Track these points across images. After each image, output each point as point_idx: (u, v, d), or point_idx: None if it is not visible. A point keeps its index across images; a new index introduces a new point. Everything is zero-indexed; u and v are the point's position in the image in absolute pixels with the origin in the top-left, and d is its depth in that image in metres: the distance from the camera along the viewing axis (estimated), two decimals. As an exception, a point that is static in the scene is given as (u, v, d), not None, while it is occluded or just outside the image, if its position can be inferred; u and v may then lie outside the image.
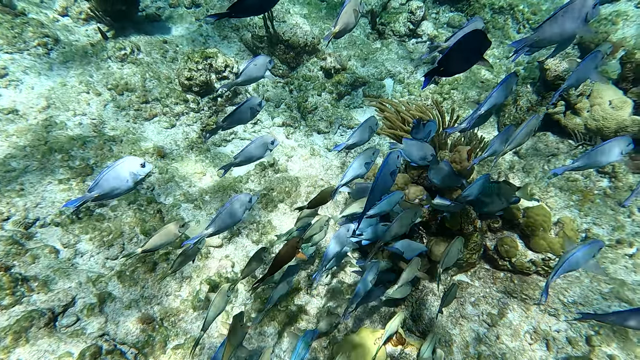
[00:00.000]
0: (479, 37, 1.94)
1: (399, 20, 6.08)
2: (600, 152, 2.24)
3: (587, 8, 1.91)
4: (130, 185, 1.99)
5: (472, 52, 1.96)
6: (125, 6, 4.53)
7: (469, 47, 1.94)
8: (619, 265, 3.01)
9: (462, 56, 1.95)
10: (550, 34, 1.96)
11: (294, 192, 4.16)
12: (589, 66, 2.40)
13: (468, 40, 1.93)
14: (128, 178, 1.97)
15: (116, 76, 4.49)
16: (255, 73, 2.56)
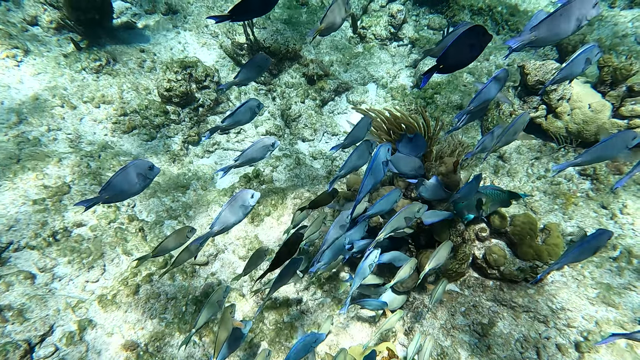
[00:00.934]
0: (478, 32, 1.92)
1: (380, 24, 6.06)
2: (605, 147, 2.22)
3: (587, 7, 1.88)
4: (138, 188, 2.05)
5: (472, 47, 1.94)
6: (98, 14, 4.37)
7: (468, 42, 1.92)
8: (604, 269, 3.05)
9: (462, 52, 1.93)
10: (547, 34, 1.92)
11: (280, 205, 4.09)
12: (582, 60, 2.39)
13: (468, 36, 1.91)
14: (137, 180, 2.02)
15: (92, 88, 4.32)
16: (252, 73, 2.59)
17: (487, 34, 1.94)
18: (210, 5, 5.46)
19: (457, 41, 1.90)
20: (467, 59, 1.98)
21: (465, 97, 4.99)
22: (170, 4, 5.29)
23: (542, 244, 3.08)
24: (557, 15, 1.90)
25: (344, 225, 2.56)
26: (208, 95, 4.94)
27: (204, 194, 4.32)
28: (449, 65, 1.96)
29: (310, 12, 6.19)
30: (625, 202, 3.42)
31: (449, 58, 1.92)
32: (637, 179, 3.50)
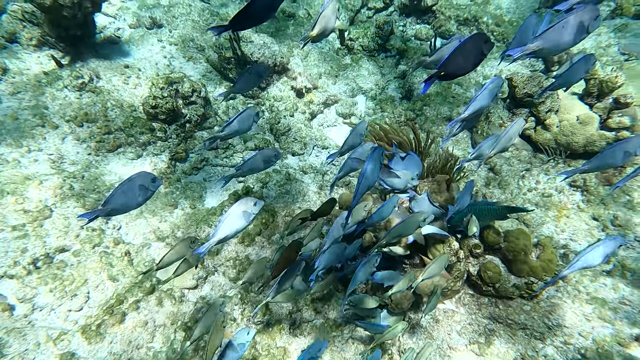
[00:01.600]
0: (480, 39, 1.91)
1: (367, 35, 6.06)
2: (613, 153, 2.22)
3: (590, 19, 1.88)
4: (140, 201, 2.03)
5: (474, 54, 1.94)
6: (80, 31, 4.25)
7: (470, 50, 1.91)
8: (599, 283, 3.04)
9: (463, 59, 1.92)
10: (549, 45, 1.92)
11: (272, 224, 4.01)
12: (580, 68, 2.41)
13: (469, 43, 1.90)
14: (139, 193, 2.00)
15: (74, 106, 4.20)
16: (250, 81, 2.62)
17: (489, 42, 1.94)
18: (196, 19, 5.39)
19: (459, 48, 1.90)
20: (468, 66, 1.98)
21: (454, 109, 4.99)
22: (154, 18, 5.21)
23: (537, 259, 3.05)
24: (559, 27, 1.90)
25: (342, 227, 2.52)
26: (195, 111, 4.85)
27: (193, 213, 4.21)
28: (450, 73, 1.95)
29: (298, 24, 6.16)
30: (616, 214, 3.43)
31: (450, 65, 1.91)
32: (626, 190, 3.52)
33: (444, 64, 1.91)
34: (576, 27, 1.89)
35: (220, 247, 3.89)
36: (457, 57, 1.91)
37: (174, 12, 5.28)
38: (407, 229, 2.50)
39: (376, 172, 2.07)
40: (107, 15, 5.05)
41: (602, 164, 2.30)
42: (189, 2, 5.44)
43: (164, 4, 5.30)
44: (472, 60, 1.95)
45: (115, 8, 5.11)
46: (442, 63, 1.91)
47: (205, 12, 5.49)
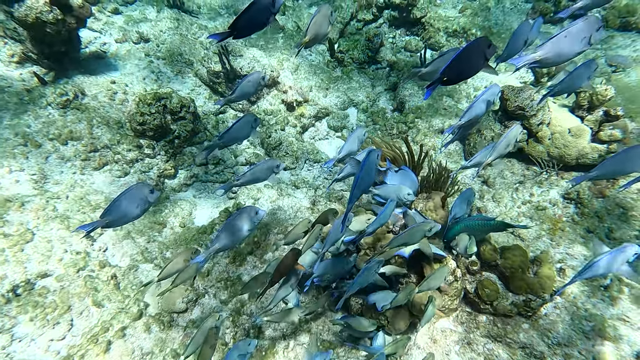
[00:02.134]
0: (483, 43, 1.90)
1: (358, 48, 6.06)
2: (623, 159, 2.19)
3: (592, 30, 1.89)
4: (138, 213, 2.02)
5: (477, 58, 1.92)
6: (64, 47, 4.15)
7: (473, 53, 1.90)
8: (597, 298, 3.00)
9: (466, 63, 1.91)
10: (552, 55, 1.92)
11: (264, 242, 3.91)
12: (582, 74, 2.40)
13: (472, 47, 1.89)
14: (138, 203, 2.00)
15: (58, 124, 4.07)
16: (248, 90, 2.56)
17: (493, 46, 1.92)
18: (184, 33, 5.33)
19: (462, 53, 1.88)
20: (470, 70, 1.97)
21: (446, 121, 4.98)
22: (141, 32, 5.12)
23: (534, 276, 3.01)
24: (561, 37, 1.90)
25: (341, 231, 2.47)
26: (184, 126, 4.76)
27: (183, 232, 4.10)
28: (453, 77, 1.93)
29: (287, 37, 6.14)
30: (611, 227, 3.41)
31: (452, 70, 1.89)
32: (620, 203, 3.51)
33: (446, 68, 1.89)
34: (579, 38, 1.89)
35: (210, 266, 3.77)
36: (460, 62, 1.89)
37: (161, 27, 5.21)
38: (413, 237, 2.44)
39: (371, 174, 2.05)
40: (93, 30, 4.95)
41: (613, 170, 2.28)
42: (176, 16, 5.38)
43: (151, 18, 5.23)
44: (475, 64, 1.93)
45: (101, 23, 5.02)
46: (444, 67, 1.90)
47: (193, 25, 5.43)
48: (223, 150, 5.04)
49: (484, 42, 1.90)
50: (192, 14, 5.58)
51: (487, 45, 1.90)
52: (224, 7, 5.85)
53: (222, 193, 4.36)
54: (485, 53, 1.92)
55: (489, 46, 1.90)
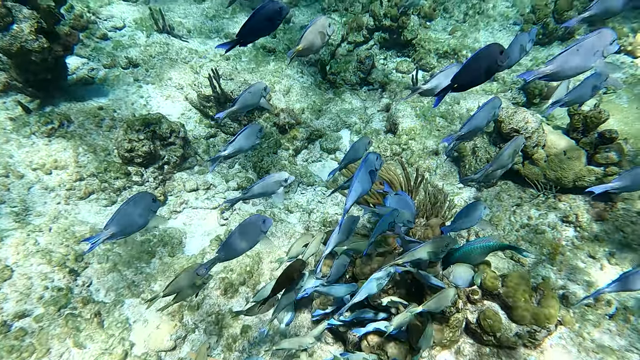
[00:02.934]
0: (495, 50, 1.85)
1: (349, 70, 6.06)
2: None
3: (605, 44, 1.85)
4: (141, 223, 2.01)
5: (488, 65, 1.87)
6: (50, 74, 4.06)
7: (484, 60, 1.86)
8: (603, 328, 2.90)
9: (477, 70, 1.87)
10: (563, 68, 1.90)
11: (256, 272, 3.77)
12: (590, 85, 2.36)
13: (484, 54, 1.86)
14: (140, 214, 1.98)
15: (42, 154, 3.94)
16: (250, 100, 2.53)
17: (505, 53, 1.87)
18: (174, 58, 5.28)
19: (473, 59, 1.85)
20: (482, 77, 1.93)
21: (439, 142, 4.95)
22: (130, 57, 5.06)
23: (538, 305, 2.90)
24: (573, 50, 1.88)
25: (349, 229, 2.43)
26: (174, 152, 4.65)
27: (172, 262, 3.94)
28: (463, 84, 1.90)
29: (278, 59, 6.13)
30: (612, 251, 3.34)
31: (463, 76, 1.86)
32: (620, 226, 3.45)
33: (457, 74, 1.87)
34: (591, 51, 1.86)
35: (200, 300, 3.61)
36: (471, 68, 1.86)
37: (150, 51, 5.16)
38: (428, 253, 2.35)
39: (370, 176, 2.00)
40: (81, 56, 4.88)
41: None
42: (166, 41, 5.34)
43: (141, 44, 5.18)
44: (486, 71, 1.89)
45: (89, 49, 4.95)
46: (456, 74, 1.87)
47: (183, 50, 5.39)
48: (214, 175, 4.94)
49: (495, 49, 1.86)
50: (182, 39, 5.55)
51: (499, 52, 1.86)
52: (214, 31, 5.84)
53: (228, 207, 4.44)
54: (497, 60, 1.87)
55: (500, 53, 1.86)
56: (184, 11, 5.98)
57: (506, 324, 2.94)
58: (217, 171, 4.95)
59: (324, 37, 2.36)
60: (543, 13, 5.43)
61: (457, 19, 6.42)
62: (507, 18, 6.15)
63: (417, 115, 5.29)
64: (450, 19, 6.46)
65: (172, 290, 2.47)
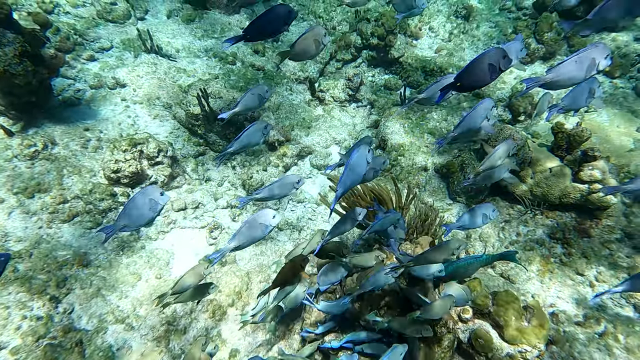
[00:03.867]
0: (499, 54, 1.89)
1: (338, 87, 6.12)
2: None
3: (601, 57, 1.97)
4: (151, 216, 2.10)
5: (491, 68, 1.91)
6: (35, 97, 4.01)
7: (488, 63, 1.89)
8: (593, 347, 2.89)
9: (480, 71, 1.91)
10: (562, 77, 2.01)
11: (245, 292, 3.70)
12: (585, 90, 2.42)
13: (488, 57, 1.89)
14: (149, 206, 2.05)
15: (25, 177, 3.86)
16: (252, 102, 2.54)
17: (508, 58, 1.91)
18: (162, 77, 5.28)
19: (477, 60, 1.90)
20: (485, 79, 1.96)
21: (429, 158, 4.98)
22: (117, 77, 5.04)
23: (528, 324, 2.89)
24: (572, 61, 1.99)
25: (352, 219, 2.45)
26: (162, 171, 4.60)
27: (158, 285, 3.85)
28: (466, 85, 1.95)
29: (267, 77, 6.16)
30: (599, 269, 3.36)
31: (466, 76, 1.91)
32: (606, 243, 3.48)
33: (461, 74, 1.92)
34: (588, 63, 1.97)
35: (188, 325, 3.52)
36: (475, 69, 1.91)
37: (138, 72, 5.15)
38: (439, 256, 2.33)
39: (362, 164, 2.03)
40: (67, 77, 4.84)
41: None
42: (154, 60, 5.34)
43: (128, 64, 5.18)
44: (489, 74, 1.93)
45: (76, 70, 4.92)
46: (459, 73, 1.93)
47: (171, 69, 5.40)
48: (203, 194, 4.89)
49: (499, 53, 1.90)
50: (171, 58, 5.56)
51: (502, 56, 1.90)
52: (202, 51, 5.87)
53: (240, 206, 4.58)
54: (500, 64, 1.91)
55: (503, 57, 1.90)
56: (172, 31, 6.00)
57: (497, 344, 2.91)
58: (207, 189, 4.91)
59: (319, 45, 2.40)
60: (525, 34, 5.58)
61: (442, 38, 6.56)
62: (491, 38, 6.31)
63: (406, 132, 5.33)
64: (436, 38, 6.60)
65: (179, 288, 2.54)
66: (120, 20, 5.75)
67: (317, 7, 7.00)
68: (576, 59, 1.98)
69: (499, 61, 1.92)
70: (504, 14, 6.58)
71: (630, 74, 4.99)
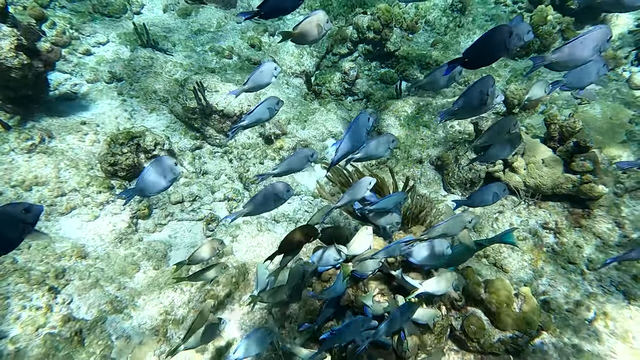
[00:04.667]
0: (505, 31, 1.91)
1: (334, 81, 6.14)
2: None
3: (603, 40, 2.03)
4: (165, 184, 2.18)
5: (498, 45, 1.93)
6: (31, 90, 4.02)
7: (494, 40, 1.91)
8: (583, 334, 2.95)
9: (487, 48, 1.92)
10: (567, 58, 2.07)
11: (242, 283, 3.74)
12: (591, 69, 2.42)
13: (494, 34, 1.91)
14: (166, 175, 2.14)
15: (22, 170, 3.89)
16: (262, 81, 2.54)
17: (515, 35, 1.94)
18: (158, 71, 5.29)
19: (485, 37, 1.92)
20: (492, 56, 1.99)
21: (424, 150, 5.02)
22: (114, 72, 5.06)
23: (520, 311, 2.94)
24: (577, 43, 2.05)
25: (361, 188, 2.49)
26: (158, 165, 4.62)
27: (156, 276, 3.89)
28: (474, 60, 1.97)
29: (264, 71, 6.18)
30: (591, 256, 3.42)
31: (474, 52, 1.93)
32: (597, 233, 3.53)
33: (469, 49, 1.94)
34: (592, 45, 2.03)
35: (185, 313, 3.57)
36: (482, 46, 1.93)
37: (134, 66, 5.16)
38: (452, 229, 2.34)
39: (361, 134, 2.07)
40: (63, 72, 4.85)
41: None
42: (150, 54, 5.35)
43: (124, 58, 5.19)
44: (496, 50, 1.96)
45: (72, 65, 4.93)
46: (468, 49, 1.95)
47: (168, 63, 5.41)
48: (200, 187, 4.92)
49: (506, 31, 1.91)
50: (167, 52, 5.57)
51: (509, 33, 1.91)
52: (199, 44, 5.88)
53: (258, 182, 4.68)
54: (506, 42, 1.93)
55: (510, 35, 1.92)
56: (168, 26, 6.01)
57: (489, 330, 2.97)
58: (204, 182, 4.94)
59: (321, 30, 2.42)
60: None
61: (438, 31, 6.57)
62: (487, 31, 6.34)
63: (402, 125, 5.37)
64: (432, 32, 6.62)
65: (194, 259, 2.71)
66: (116, 14, 5.75)
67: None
68: (581, 40, 2.04)
69: (505, 39, 1.94)
70: (499, 7, 6.60)
71: (623, 66, 5.03)
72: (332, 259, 2.64)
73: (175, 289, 3.72)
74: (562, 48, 2.07)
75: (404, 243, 2.40)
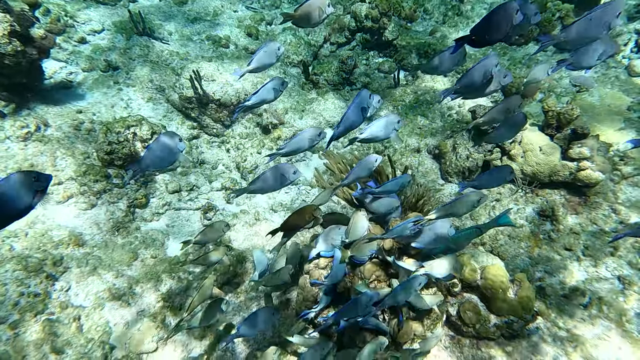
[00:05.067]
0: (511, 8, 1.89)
1: (332, 70, 6.10)
2: None
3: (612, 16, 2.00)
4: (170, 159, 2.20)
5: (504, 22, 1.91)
6: (26, 78, 3.99)
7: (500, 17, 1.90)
8: (578, 318, 2.97)
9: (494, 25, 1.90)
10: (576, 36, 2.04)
11: (240, 271, 3.76)
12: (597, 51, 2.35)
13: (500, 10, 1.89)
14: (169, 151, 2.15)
15: (18, 158, 3.87)
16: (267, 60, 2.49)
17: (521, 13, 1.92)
18: (155, 60, 5.24)
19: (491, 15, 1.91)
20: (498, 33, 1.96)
21: (421, 140, 5.01)
22: (110, 60, 5.01)
23: (515, 297, 2.96)
24: (586, 20, 2.01)
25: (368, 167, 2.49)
26: (155, 154, 4.61)
27: (154, 264, 3.90)
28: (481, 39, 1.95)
29: (262, 60, 6.13)
30: (586, 243, 3.43)
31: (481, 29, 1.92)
32: (593, 219, 3.55)
33: (475, 27, 1.93)
34: (601, 22, 2.00)
35: (183, 302, 3.59)
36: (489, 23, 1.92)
37: (130, 54, 5.12)
38: (460, 208, 2.36)
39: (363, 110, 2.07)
40: (58, 60, 4.81)
41: None
42: (146, 43, 5.30)
43: (120, 47, 5.14)
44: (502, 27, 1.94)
45: (67, 53, 4.89)
46: (475, 26, 1.94)
47: (164, 52, 5.36)
48: (197, 176, 4.92)
49: (511, 7, 1.89)
50: (163, 41, 5.51)
51: (515, 10, 1.89)
52: (195, 33, 5.82)
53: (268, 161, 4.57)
54: (512, 19, 1.91)
55: (516, 12, 1.89)
56: (164, 14, 5.95)
57: (485, 315, 2.99)
58: (202, 172, 4.93)
59: (322, 14, 2.39)
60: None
61: (436, 20, 6.52)
62: (486, 18, 6.28)
63: (400, 114, 5.35)
64: (430, 20, 6.56)
65: (201, 240, 2.77)
66: (111, 1, 5.69)
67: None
68: (591, 17, 2.00)
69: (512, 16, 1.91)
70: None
71: (622, 54, 5.00)
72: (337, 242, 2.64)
73: (174, 277, 3.73)
74: (570, 26, 2.03)
75: (413, 223, 2.38)
